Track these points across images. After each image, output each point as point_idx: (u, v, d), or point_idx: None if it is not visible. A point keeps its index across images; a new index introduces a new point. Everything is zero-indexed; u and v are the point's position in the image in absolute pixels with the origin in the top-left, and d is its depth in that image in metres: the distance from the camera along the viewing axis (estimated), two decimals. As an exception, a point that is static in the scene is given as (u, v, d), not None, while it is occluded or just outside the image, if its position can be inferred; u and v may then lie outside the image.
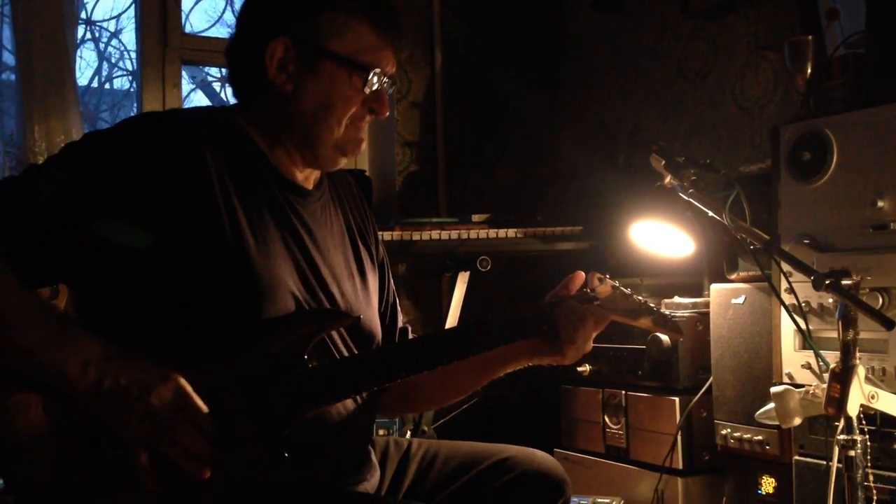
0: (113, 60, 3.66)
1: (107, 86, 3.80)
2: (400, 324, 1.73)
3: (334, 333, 1.47)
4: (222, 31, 3.56)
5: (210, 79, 3.83)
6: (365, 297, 1.58)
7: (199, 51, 3.43)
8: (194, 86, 3.61)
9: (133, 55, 3.55)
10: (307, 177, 1.56)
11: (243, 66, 1.50)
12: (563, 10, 3.66)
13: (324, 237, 1.54)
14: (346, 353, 1.49)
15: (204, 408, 1.27)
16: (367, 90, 1.47)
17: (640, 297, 1.61)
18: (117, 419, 1.27)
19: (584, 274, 1.59)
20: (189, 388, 1.27)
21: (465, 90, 3.60)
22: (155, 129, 1.41)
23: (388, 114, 1.51)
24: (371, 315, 1.59)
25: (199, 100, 3.93)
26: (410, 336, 1.74)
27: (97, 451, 1.28)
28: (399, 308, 1.75)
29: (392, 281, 1.73)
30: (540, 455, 1.62)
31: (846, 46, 2.25)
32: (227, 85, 3.97)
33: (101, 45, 3.52)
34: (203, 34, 3.44)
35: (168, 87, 3.32)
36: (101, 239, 1.32)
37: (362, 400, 1.52)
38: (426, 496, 1.60)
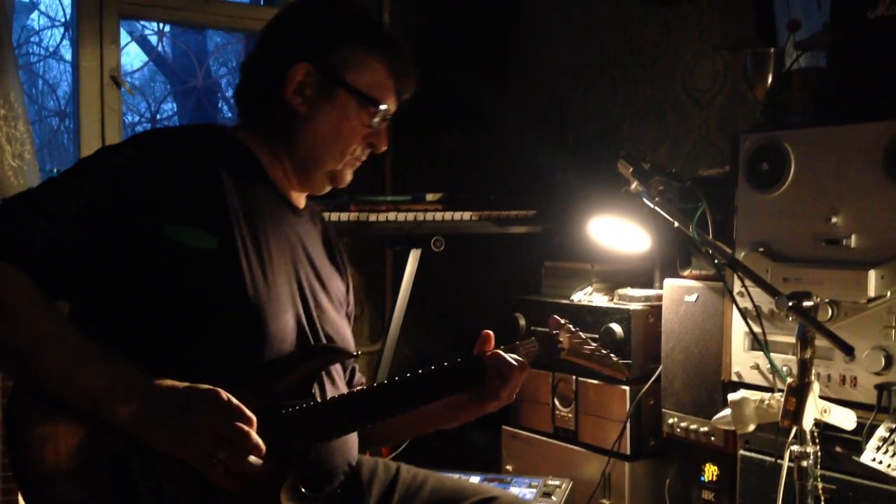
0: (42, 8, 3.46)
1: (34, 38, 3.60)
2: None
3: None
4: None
5: (147, 33, 3.67)
6: (343, 324, 1.63)
7: (139, 5, 3.29)
8: (130, 40, 3.46)
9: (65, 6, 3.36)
10: (298, 196, 1.60)
11: (260, 82, 1.54)
12: (517, -20, 3.64)
13: (315, 256, 1.59)
14: (328, 384, 1.52)
15: (251, 414, 1.28)
16: (372, 125, 1.53)
17: (591, 342, 1.72)
18: (168, 440, 1.26)
19: (492, 334, 1.62)
20: (234, 399, 1.27)
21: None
22: (174, 146, 1.44)
23: (385, 149, 1.57)
24: (350, 342, 1.63)
25: (137, 53, 3.77)
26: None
27: (130, 482, 1.28)
28: None
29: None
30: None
31: (796, 47, 2.32)
32: (163, 39, 3.84)
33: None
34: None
35: (106, 43, 3.19)
36: (120, 253, 1.33)
37: None
38: None
